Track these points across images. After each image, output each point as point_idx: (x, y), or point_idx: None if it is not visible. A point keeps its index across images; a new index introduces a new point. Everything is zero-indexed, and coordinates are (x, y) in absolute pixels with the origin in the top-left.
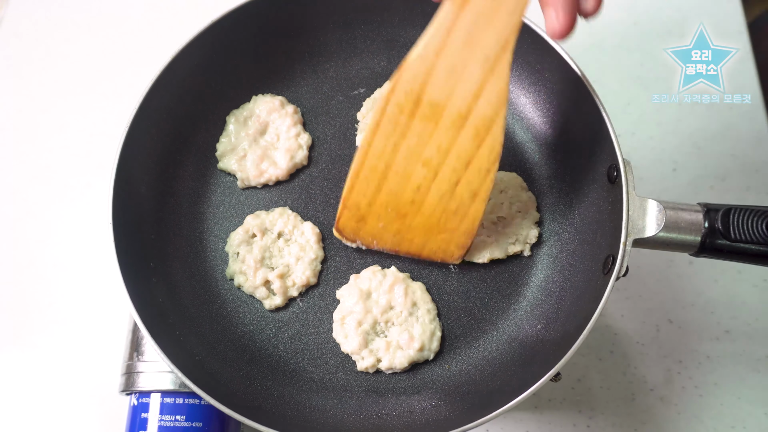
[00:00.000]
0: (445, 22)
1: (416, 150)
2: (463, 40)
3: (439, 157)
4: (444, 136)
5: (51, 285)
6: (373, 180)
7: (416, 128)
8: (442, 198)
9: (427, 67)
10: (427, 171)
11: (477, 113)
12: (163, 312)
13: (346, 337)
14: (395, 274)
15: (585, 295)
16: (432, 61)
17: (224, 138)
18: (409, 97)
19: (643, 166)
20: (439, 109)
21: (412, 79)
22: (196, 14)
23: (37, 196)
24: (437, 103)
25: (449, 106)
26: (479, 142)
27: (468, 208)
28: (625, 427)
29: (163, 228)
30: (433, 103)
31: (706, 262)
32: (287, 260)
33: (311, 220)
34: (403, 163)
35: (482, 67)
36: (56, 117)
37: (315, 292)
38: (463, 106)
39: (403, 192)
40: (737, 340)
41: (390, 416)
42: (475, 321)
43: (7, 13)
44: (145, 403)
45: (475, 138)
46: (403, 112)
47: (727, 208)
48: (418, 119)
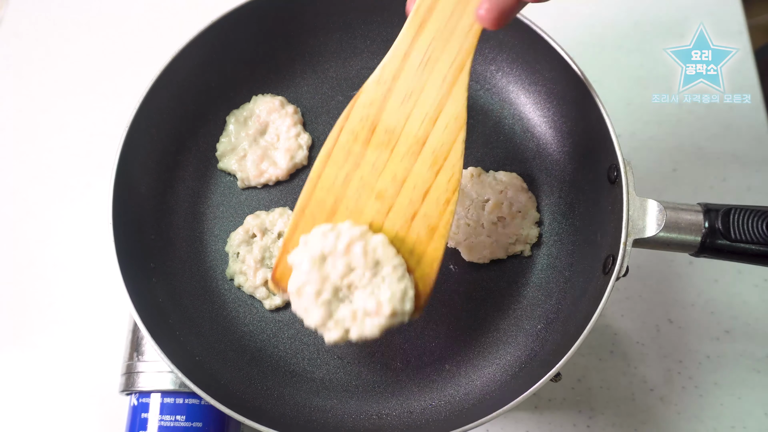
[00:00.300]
0: (402, 46)
1: (369, 181)
2: (419, 63)
3: (393, 187)
4: (399, 164)
5: (51, 285)
6: (319, 216)
7: (370, 157)
8: (396, 236)
9: (384, 92)
10: (381, 204)
11: (434, 138)
12: (163, 312)
13: (306, 310)
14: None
15: (585, 295)
16: (389, 86)
17: (224, 138)
18: (364, 124)
19: (643, 166)
20: (395, 134)
21: (368, 104)
22: (196, 14)
23: (37, 196)
24: (393, 129)
25: (405, 132)
26: (437, 169)
27: (425, 246)
28: (625, 427)
29: (163, 228)
30: (389, 129)
31: (706, 262)
32: None
33: None
34: (354, 196)
35: (439, 90)
36: (56, 117)
37: None
38: (420, 132)
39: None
40: (737, 340)
41: (390, 416)
42: (475, 321)
43: (7, 13)
44: (145, 403)
45: (432, 165)
46: (357, 140)
47: (727, 208)
48: (372, 147)
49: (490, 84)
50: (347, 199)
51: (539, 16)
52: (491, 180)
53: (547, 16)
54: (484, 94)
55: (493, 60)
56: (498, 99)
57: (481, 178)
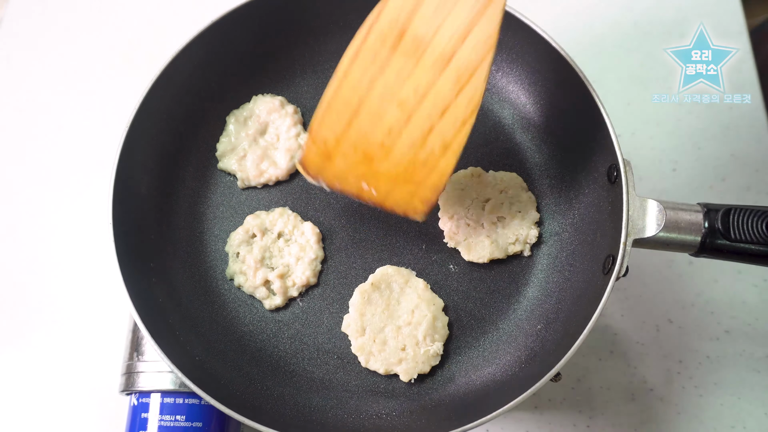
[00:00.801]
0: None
1: (393, 88)
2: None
3: (415, 99)
4: (423, 76)
5: (51, 285)
6: (344, 114)
7: (396, 64)
8: (413, 145)
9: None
10: (401, 113)
11: (461, 56)
12: (163, 312)
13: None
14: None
15: (585, 295)
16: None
17: (224, 138)
18: (393, 27)
19: (643, 166)
20: (423, 45)
21: (400, 6)
22: (196, 14)
23: (37, 196)
24: (422, 39)
25: (433, 44)
26: (459, 88)
27: (438, 160)
28: (625, 427)
29: (163, 228)
30: (417, 37)
31: (706, 262)
32: (287, 260)
33: (311, 220)
34: (377, 100)
35: (473, 5)
36: (56, 117)
37: (315, 292)
38: (447, 47)
39: (373, 133)
40: (737, 340)
41: (390, 416)
42: (475, 321)
43: (7, 13)
44: (145, 403)
45: (455, 84)
46: (385, 43)
47: (727, 208)
48: (399, 53)
49: (490, 84)
50: (370, 102)
51: (540, 16)
52: (491, 180)
53: (547, 16)
54: (484, 95)
55: (493, 60)
56: (498, 99)
57: (481, 178)
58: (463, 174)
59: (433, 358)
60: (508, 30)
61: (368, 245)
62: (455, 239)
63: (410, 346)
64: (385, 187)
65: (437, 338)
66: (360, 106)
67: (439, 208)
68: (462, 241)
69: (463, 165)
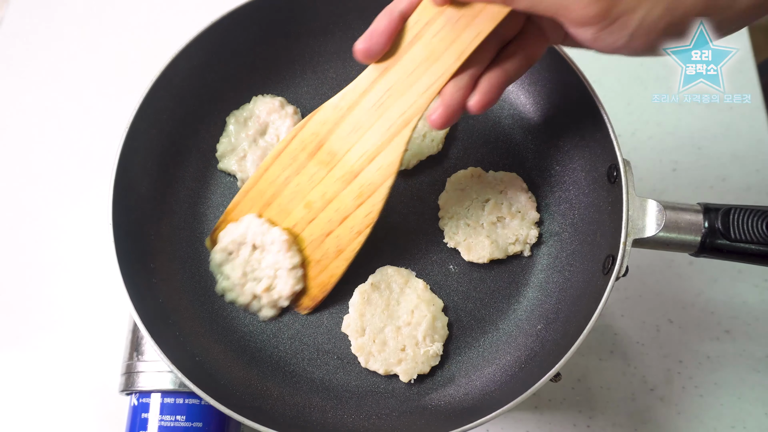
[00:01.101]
0: (363, 83)
1: (304, 189)
2: (374, 104)
3: (321, 203)
4: (331, 185)
5: (51, 285)
6: (257, 203)
7: (310, 169)
8: (311, 244)
9: (337, 118)
10: (307, 213)
11: (365, 175)
12: (163, 312)
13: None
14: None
15: (585, 295)
16: (343, 114)
17: (224, 138)
18: (314, 138)
19: (643, 166)
20: (336, 159)
21: (322, 123)
22: (196, 14)
23: (37, 196)
24: (335, 153)
25: (344, 160)
26: (359, 202)
27: (330, 261)
28: (625, 427)
29: (163, 228)
30: (332, 151)
31: (706, 262)
32: (267, 272)
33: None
34: (288, 197)
35: (382, 135)
36: (56, 117)
37: None
38: (356, 164)
39: (278, 225)
40: (737, 340)
41: (390, 416)
42: (475, 321)
43: (7, 13)
44: (145, 403)
45: (357, 198)
46: (305, 149)
47: (727, 208)
48: (315, 161)
49: None
50: (282, 197)
51: None
52: (491, 180)
53: None
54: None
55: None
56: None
57: (481, 178)
58: (463, 174)
59: (432, 359)
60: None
61: (368, 245)
62: (455, 239)
63: (410, 346)
64: None
65: (437, 338)
66: (273, 198)
67: (439, 208)
68: (462, 241)
69: (463, 165)
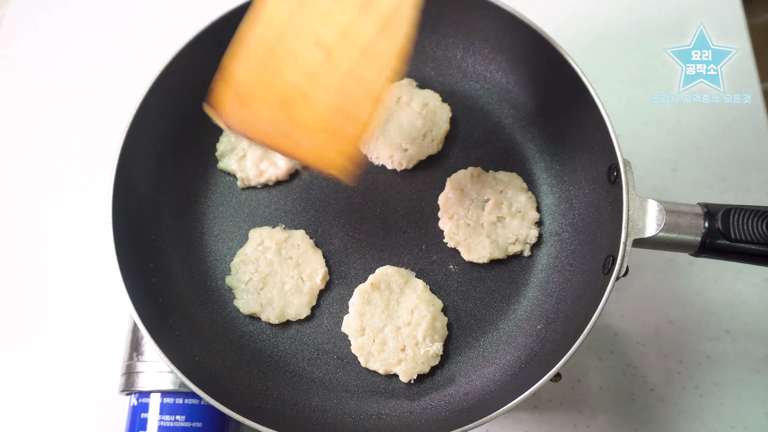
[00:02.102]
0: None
1: (311, 25)
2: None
3: (335, 39)
4: (345, 14)
5: (51, 285)
6: (258, 51)
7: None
8: (328, 89)
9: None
10: (319, 53)
11: None
12: (163, 312)
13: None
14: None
15: (585, 295)
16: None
17: (224, 138)
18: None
19: (643, 166)
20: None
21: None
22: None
23: (37, 196)
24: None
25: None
26: (383, 29)
27: (358, 107)
28: (625, 427)
29: (163, 228)
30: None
31: (706, 262)
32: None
33: (310, 219)
34: (294, 37)
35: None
36: (56, 117)
37: None
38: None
39: (288, 73)
40: (737, 340)
41: (390, 416)
42: (475, 321)
43: (7, 13)
44: (145, 403)
45: (379, 25)
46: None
47: (727, 208)
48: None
49: (490, 84)
50: (287, 39)
51: (540, 17)
52: (491, 180)
53: (547, 16)
54: (484, 94)
55: (493, 60)
56: (498, 99)
57: (481, 178)
58: (463, 174)
59: (432, 359)
60: (509, 29)
61: (368, 245)
62: (455, 239)
63: (410, 346)
64: (298, 134)
65: (437, 339)
66: (276, 41)
67: (439, 208)
68: (462, 241)
69: (463, 165)
